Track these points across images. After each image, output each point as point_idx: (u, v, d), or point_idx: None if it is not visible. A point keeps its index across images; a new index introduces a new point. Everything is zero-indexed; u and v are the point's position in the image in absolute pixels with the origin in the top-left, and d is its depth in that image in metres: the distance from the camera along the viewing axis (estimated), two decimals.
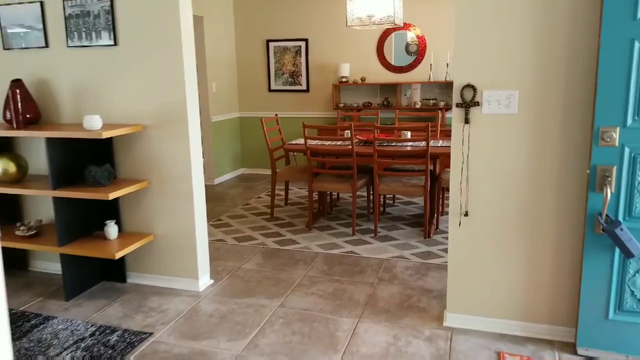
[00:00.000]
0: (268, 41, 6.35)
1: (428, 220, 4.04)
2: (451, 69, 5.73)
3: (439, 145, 4.22)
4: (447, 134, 5.48)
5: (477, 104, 2.45)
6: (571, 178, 2.30)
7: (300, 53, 6.26)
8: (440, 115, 5.02)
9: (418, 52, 5.85)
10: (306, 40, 6.20)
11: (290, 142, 4.67)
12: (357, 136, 4.58)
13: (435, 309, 2.81)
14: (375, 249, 3.81)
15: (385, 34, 5.91)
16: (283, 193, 5.23)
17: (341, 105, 6.01)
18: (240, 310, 2.86)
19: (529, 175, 2.38)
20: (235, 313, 2.82)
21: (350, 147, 3.99)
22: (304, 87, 6.34)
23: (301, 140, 4.61)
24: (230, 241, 4.07)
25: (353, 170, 4.06)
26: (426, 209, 4.01)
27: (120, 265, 3.23)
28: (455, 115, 2.51)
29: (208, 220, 4.62)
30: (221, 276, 3.34)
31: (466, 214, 2.51)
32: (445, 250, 3.71)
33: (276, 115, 4.98)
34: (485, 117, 2.46)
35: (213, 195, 5.59)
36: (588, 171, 2.17)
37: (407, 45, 5.88)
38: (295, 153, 5.15)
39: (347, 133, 4.56)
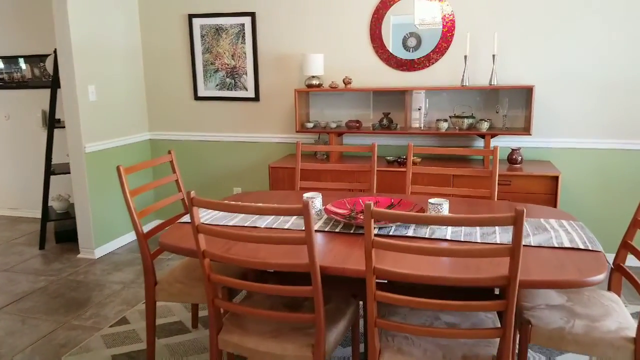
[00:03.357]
0: (191, 17, 3.86)
1: None
2: (502, 65, 3.31)
3: (531, 242, 1.79)
4: (504, 182, 3.04)
5: None
6: None
7: (243, 37, 3.79)
8: (488, 150, 2.58)
9: (441, 37, 3.41)
10: (252, 15, 3.72)
11: (181, 221, 2.18)
12: (331, 209, 2.13)
13: None
14: None
15: (385, 4, 3.46)
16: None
17: (310, 125, 3.55)
18: None
19: None
20: None
21: (309, 256, 1.54)
22: (250, 93, 3.87)
23: (208, 213, 2.15)
24: None
25: (317, 315, 1.61)
26: None
27: None
28: None
29: None
30: None
31: None
32: None
33: (170, 153, 2.50)
34: None
35: (71, 291, 3.06)
36: None
37: (422, 26, 3.44)
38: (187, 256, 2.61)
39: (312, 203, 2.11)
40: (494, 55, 3.23)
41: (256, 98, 3.84)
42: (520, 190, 3.07)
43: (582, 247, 1.79)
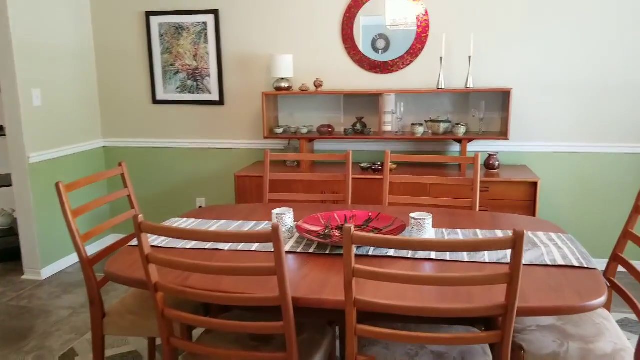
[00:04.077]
0: (149, 14, 3.58)
1: None
2: (479, 67, 3.19)
3: (537, 260, 1.62)
4: (482, 188, 2.89)
5: None
6: None
7: (205, 36, 3.53)
8: (469, 157, 2.44)
9: (416, 38, 3.26)
10: (216, 13, 3.48)
11: (132, 244, 1.93)
12: (303, 226, 1.92)
13: None
14: None
15: (357, 3, 3.28)
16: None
17: (279, 130, 3.34)
18: None
19: None
20: None
21: (280, 290, 1.33)
22: (214, 96, 3.61)
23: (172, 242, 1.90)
24: None
25: (289, 353, 1.40)
26: None
27: None
28: None
29: None
30: None
31: None
32: None
33: (120, 165, 2.24)
34: None
35: (12, 319, 2.71)
36: None
37: (394, 27, 3.28)
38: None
39: (277, 222, 1.89)
40: (469, 57, 3.10)
41: (220, 101, 3.59)
42: (499, 197, 2.94)
43: (576, 264, 1.64)
